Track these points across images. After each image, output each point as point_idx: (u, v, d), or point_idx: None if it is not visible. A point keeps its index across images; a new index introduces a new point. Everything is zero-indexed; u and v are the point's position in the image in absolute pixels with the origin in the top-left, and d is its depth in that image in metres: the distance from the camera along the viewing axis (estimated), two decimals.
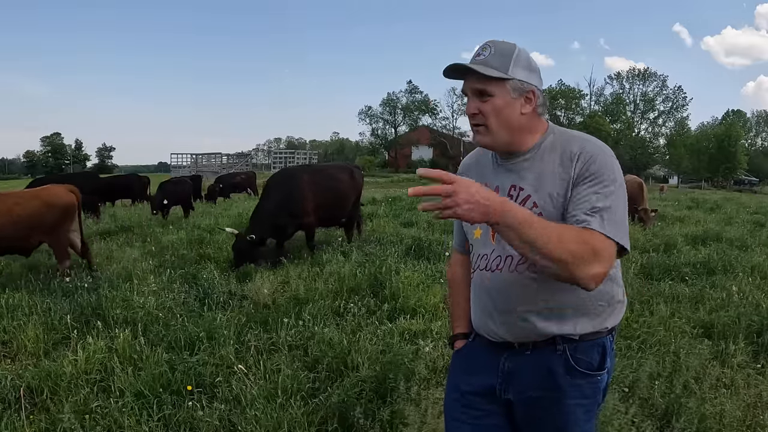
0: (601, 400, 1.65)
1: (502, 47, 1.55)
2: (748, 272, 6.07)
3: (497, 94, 1.53)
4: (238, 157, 42.00)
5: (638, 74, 63.86)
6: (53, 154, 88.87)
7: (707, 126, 68.25)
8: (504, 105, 1.53)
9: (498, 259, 1.61)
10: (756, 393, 3.17)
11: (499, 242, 1.61)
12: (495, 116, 1.54)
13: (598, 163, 1.49)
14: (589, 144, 1.54)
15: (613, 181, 1.47)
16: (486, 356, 1.69)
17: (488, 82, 1.52)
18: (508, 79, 1.52)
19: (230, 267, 6.42)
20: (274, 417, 2.81)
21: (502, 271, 1.60)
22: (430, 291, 4.98)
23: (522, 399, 1.62)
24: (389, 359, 3.46)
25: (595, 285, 1.38)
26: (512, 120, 1.56)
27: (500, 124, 1.55)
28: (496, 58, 1.52)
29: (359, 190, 8.29)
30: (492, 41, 1.56)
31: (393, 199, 15.97)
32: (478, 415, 1.68)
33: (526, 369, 1.61)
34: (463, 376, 1.74)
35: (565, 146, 1.55)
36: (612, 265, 1.42)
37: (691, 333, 4.15)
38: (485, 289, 1.65)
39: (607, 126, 55.38)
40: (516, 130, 1.57)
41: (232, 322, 4.26)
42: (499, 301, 1.62)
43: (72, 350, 3.70)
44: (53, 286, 5.41)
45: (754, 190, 46.53)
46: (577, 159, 1.50)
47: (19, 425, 2.85)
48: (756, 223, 11.55)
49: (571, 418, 1.58)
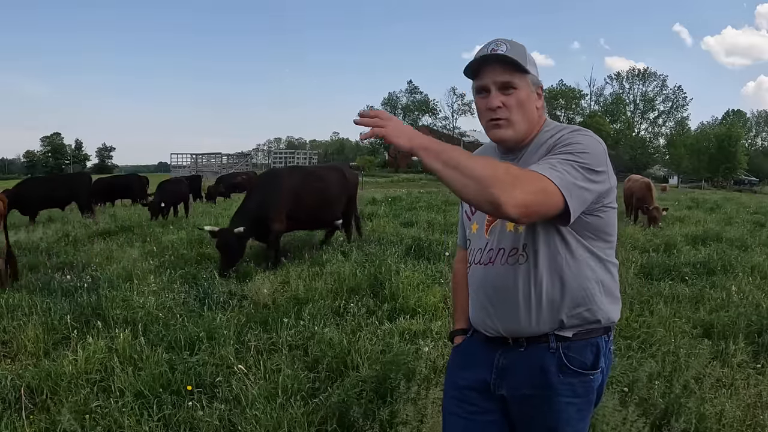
0: (595, 400, 1.64)
1: (514, 43, 1.58)
2: (748, 272, 6.07)
3: (521, 87, 1.57)
4: (238, 157, 42.00)
5: (638, 74, 63.97)
6: (53, 154, 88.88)
7: (707, 126, 68.25)
8: (526, 98, 1.58)
9: (491, 252, 1.62)
10: (756, 393, 3.16)
11: (492, 234, 1.63)
12: (519, 108, 1.57)
13: (569, 138, 1.52)
14: (570, 128, 1.58)
15: (579, 152, 1.46)
16: (482, 351, 1.70)
17: (514, 74, 1.55)
18: (528, 73, 1.57)
19: (223, 271, 6.07)
20: (274, 417, 2.81)
21: (494, 264, 1.61)
22: (430, 291, 4.98)
23: (515, 396, 1.62)
24: (389, 359, 3.46)
25: (516, 212, 1.31)
26: (532, 113, 1.60)
27: (522, 117, 1.58)
28: (514, 53, 1.55)
29: (353, 190, 8.14)
30: (500, 39, 1.58)
31: (393, 199, 15.97)
32: (473, 411, 1.69)
33: (519, 366, 1.61)
34: (459, 370, 1.76)
35: (550, 137, 1.58)
36: (539, 200, 1.36)
37: (691, 333, 4.15)
38: (480, 283, 1.67)
39: (607, 126, 55.36)
40: (533, 123, 1.62)
41: (232, 322, 4.26)
42: (493, 294, 1.63)
43: (72, 350, 3.70)
44: (53, 286, 5.41)
45: (754, 190, 46.50)
46: (557, 140, 1.53)
47: (19, 425, 2.85)
48: (756, 223, 11.56)
49: (563, 417, 1.58)
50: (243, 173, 22.43)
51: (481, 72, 1.58)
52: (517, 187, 1.31)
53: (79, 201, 13.03)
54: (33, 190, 12.34)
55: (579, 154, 1.46)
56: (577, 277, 1.56)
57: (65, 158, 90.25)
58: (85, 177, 14.11)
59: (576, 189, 1.41)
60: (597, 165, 1.47)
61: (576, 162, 1.44)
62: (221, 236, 6.40)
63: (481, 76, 1.59)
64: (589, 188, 1.45)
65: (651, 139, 65.06)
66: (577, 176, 1.43)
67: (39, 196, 12.27)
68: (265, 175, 7.57)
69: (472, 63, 1.58)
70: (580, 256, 1.57)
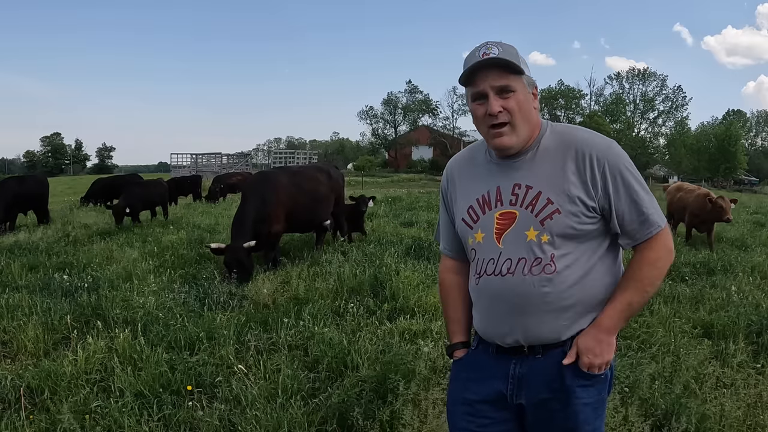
0: (607, 395, 1.67)
1: (504, 45, 1.54)
2: (748, 272, 6.07)
3: (518, 89, 1.54)
4: (238, 157, 41.93)
5: (638, 74, 63.88)
6: (53, 154, 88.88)
7: (707, 126, 68.18)
8: (524, 99, 1.55)
9: (508, 262, 1.57)
10: (756, 393, 3.16)
11: (507, 245, 1.57)
12: (519, 111, 1.53)
13: (623, 163, 1.57)
14: (596, 144, 1.57)
15: (632, 173, 1.57)
16: (493, 363, 1.66)
17: (510, 77, 1.52)
18: (523, 74, 1.54)
19: (239, 284, 5.67)
20: (274, 417, 2.81)
21: (514, 275, 1.56)
22: (430, 291, 4.98)
23: (533, 402, 1.60)
24: (389, 359, 3.46)
25: (674, 255, 1.62)
26: (532, 115, 1.57)
27: (524, 120, 1.55)
28: (507, 54, 1.52)
29: (340, 190, 8.08)
30: (489, 41, 1.54)
31: (393, 199, 15.96)
32: (485, 423, 1.66)
33: (537, 373, 1.60)
34: (468, 384, 1.70)
35: (570, 144, 1.56)
36: (671, 235, 1.62)
37: (691, 333, 4.15)
38: (496, 294, 1.60)
39: (607, 126, 55.33)
40: (533, 125, 1.58)
41: (232, 322, 4.26)
42: (514, 305, 1.57)
43: (72, 350, 3.69)
44: (53, 286, 5.41)
45: (754, 190, 46.48)
46: (589, 161, 1.54)
47: (19, 425, 2.84)
48: (756, 223, 11.56)
49: (581, 417, 1.58)
50: (239, 173, 22.39)
51: (476, 78, 1.54)
52: (669, 256, 1.59)
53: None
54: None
55: (640, 181, 1.59)
56: (600, 285, 1.58)
57: (65, 158, 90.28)
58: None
59: (652, 198, 1.60)
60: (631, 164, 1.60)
61: (646, 190, 1.59)
62: (231, 253, 5.93)
63: (476, 82, 1.54)
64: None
65: (651, 139, 65.00)
66: (643, 187, 1.59)
67: None
68: (257, 179, 7.37)
69: (467, 70, 1.54)
70: (604, 265, 1.59)
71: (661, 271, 1.57)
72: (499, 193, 1.59)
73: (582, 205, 1.52)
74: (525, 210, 1.55)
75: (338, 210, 8.05)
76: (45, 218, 11.36)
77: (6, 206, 10.29)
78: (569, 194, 1.51)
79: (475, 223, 1.64)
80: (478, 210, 1.63)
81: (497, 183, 1.60)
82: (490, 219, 1.60)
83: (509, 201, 1.57)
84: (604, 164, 1.52)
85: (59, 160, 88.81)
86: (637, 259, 1.57)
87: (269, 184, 6.80)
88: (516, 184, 1.57)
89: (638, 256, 1.57)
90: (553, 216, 1.51)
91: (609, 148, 1.55)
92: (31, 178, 12.30)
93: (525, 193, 1.55)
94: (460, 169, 1.74)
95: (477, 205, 1.64)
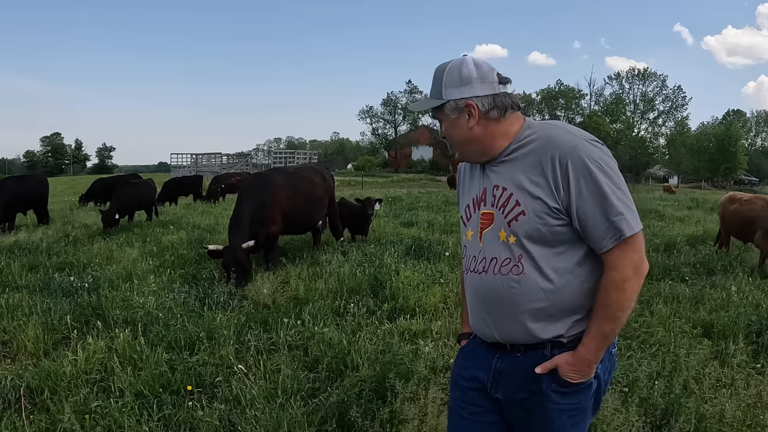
0: (591, 407, 1.64)
1: (437, 73, 1.64)
2: (748, 272, 6.07)
3: (443, 119, 1.67)
4: (238, 157, 41.96)
5: (638, 74, 63.91)
6: (53, 154, 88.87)
7: (707, 126, 68.22)
8: (449, 126, 1.66)
9: (484, 261, 1.63)
10: (756, 393, 3.16)
11: (485, 244, 1.63)
12: (450, 137, 1.68)
13: (576, 162, 1.50)
14: (561, 143, 1.52)
15: (613, 180, 1.50)
16: (483, 353, 1.72)
17: (436, 112, 1.67)
18: (444, 104, 1.62)
19: (239, 286, 5.58)
20: (274, 417, 2.81)
21: (487, 273, 1.62)
22: (429, 291, 4.98)
23: (510, 400, 1.64)
24: (389, 359, 3.46)
25: (646, 269, 1.52)
26: (464, 136, 1.64)
27: (458, 142, 1.67)
28: (434, 87, 1.64)
29: (332, 191, 8.01)
30: (437, 68, 1.65)
31: (393, 199, 15.96)
32: (476, 411, 1.72)
33: (516, 370, 1.62)
34: (462, 371, 1.78)
35: (539, 144, 1.56)
36: (641, 246, 1.52)
37: (691, 333, 4.15)
38: (476, 291, 1.68)
39: (607, 126, 55.38)
40: (476, 141, 1.64)
41: (232, 322, 4.26)
42: (488, 302, 1.64)
43: (72, 350, 3.69)
44: (53, 286, 5.41)
45: (754, 190, 46.50)
46: (551, 161, 1.52)
47: (20, 425, 2.85)
48: None
49: (556, 423, 1.59)
50: (238, 174, 22.39)
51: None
52: (637, 275, 1.50)
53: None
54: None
55: (614, 181, 1.50)
56: (579, 290, 1.56)
57: (65, 158, 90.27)
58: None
59: (629, 199, 1.53)
60: (609, 164, 1.53)
61: (621, 191, 1.50)
62: (229, 254, 5.79)
63: None
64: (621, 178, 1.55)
65: (651, 139, 65.00)
66: (622, 187, 1.52)
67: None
68: (253, 180, 7.32)
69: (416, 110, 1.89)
70: (584, 269, 1.56)
71: (628, 294, 1.49)
72: (485, 194, 1.66)
73: (546, 207, 1.52)
74: (498, 210, 1.61)
75: (332, 211, 7.94)
76: (45, 218, 11.36)
77: (5, 206, 10.28)
78: (533, 195, 1.53)
79: (468, 221, 1.73)
80: (472, 209, 1.72)
81: (485, 185, 1.67)
82: (477, 218, 1.68)
83: (490, 202, 1.64)
84: (567, 164, 1.49)
85: (59, 160, 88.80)
86: (603, 282, 1.51)
87: (266, 186, 6.79)
88: (495, 185, 1.63)
89: (605, 277, 1.51)
90: (518, 218, 1.55)
91: (575, 148, 1.49)
92: (31, 177, 12.28)
93: (501, 195, 1.60)
94: (465, 171, 1.83)
95: (472, 204, 1.72)
